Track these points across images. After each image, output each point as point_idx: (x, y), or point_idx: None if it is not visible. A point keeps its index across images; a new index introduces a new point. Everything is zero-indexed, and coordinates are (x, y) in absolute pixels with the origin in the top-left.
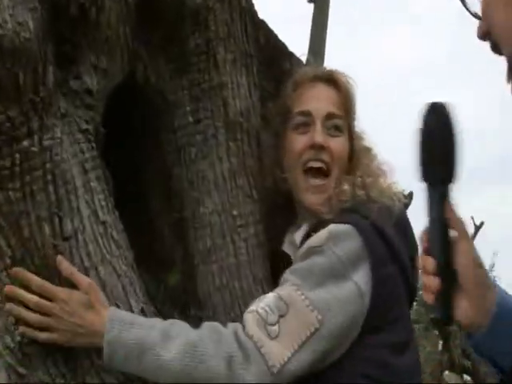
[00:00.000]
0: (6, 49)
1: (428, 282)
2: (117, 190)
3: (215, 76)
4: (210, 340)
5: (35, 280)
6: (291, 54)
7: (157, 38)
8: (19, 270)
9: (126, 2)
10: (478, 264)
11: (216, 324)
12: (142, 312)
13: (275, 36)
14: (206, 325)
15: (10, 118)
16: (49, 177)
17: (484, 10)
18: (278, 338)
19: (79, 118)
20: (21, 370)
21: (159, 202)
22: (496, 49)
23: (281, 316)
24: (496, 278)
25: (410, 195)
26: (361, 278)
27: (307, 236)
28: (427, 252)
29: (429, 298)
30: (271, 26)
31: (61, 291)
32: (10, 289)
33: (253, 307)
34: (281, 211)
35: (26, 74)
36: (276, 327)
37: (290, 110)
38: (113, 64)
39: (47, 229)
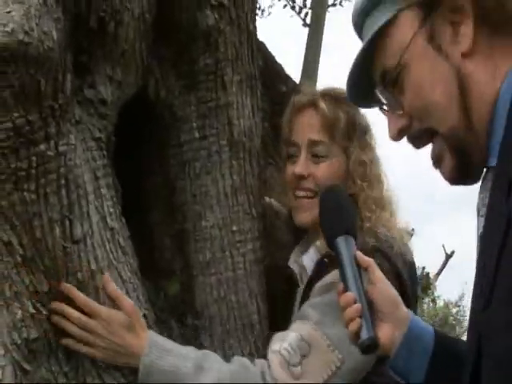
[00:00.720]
0: (30, 56)
1: (351, 312)
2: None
3: (222, 95)
4: (239, 377)
5: (80, 297)
6: (287, 77)
7: (169, 55)
8: (66, 286)
9: (143, 19)
10: (390, 287)
11: (245, 360)
12: (145, 318)
13: (273, 58)
14: (236, 360)
15: (29, 122)
16: (62, 181)
17: (410, 99)
18: (301, 378)
19: (92, 126)
20: (26, 366)
21: (161, 213)
22: (424, 137)
23: (303, 356)
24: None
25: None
26: None
27: (321, 264)
28: (344, 290)
29: (354, 326)
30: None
31: (104, 310)
32: (56, 305)
33: (276, 347)
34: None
35: (47, 81)
36: (299, 368)
37: (286, 139)
38: (127, 76)
39: (58, 231)
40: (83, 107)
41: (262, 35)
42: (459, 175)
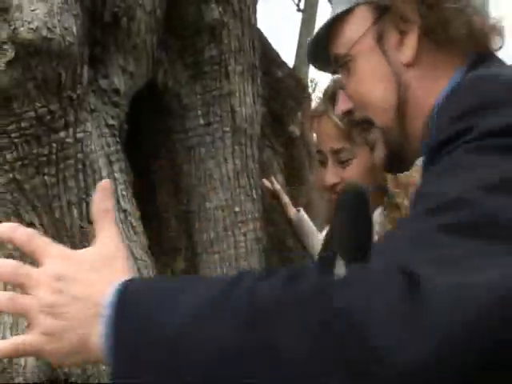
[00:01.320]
0: (53, 51)
1: None
2: None
3: (225, 85)
4: None
5: None
6: (283, 63)
7: (176, 47)
8: None
9: (154, 14)
10: None
11: None
12: None
13: (269, 44)
14: None
15: (50, 112)
16: (79, 166)
17: (353, 88)
18: None
19: (106, 114)
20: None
21: (167, 195)
22: (363, 122)
23: None
24: None
25: None
26: None
27: None
28: None
29: None
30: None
31: None
32: None
33: None
34: None
35: (67, 74)
36: None
37: (316, 146)
38: (139, 68)
39: (76, 212)
40: (98, 96)
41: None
42: (390, 166)
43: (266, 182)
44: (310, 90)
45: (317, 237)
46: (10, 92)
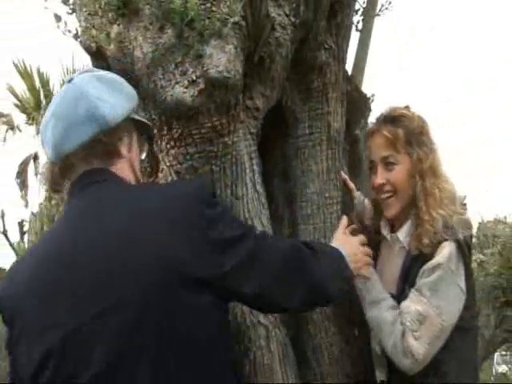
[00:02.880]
0: (228, 85)
1: None
2: None
3: (325, 107)
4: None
5: None
6: (350, 80)
7: (296, 79)
8: None
9: (287, 58)
10: None
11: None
12: None
13: None
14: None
15: (221, 124)
16: (233, 160)
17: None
18: (419, 339)
19: (250, 124)
20: None
21: (280, 181)
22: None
23: (421, 324)
24: None
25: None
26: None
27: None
28: None
29: None
30: None
31: None
32: None
33: (402, 319)
34: None
35: (233, 98)
36: (418, 333)
37: (367, 158)
38: (272, 93)
39: (228, 191)
40: (245, 112)
41: None
42: None
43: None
44: (371, 101)
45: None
46: (199, 109)
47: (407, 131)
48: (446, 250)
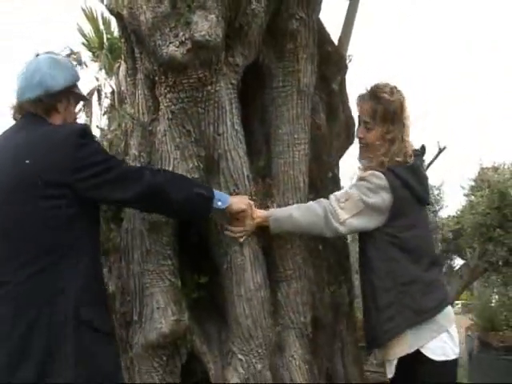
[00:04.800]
0: (210, 46)
1: None
2: None
3: (296, 65)
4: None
5: None
6: (332, 42)
7: (271, 42)
8: None
9: (262, 26)
10: None
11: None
12: None
13: (324, 29)
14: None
15: (205, 76)
16: (215, 104)
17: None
18: (344, 209)
19: (231, 77)
20: None
21: (257, 123)
22: None
23: (346, 200)
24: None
25: (423, 148)
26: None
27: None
28: None
29: None
30: None
31: None
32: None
33: (334, 194)
34: None
35: (214, 57)
36: (343, 204)
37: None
38: (250, 53)
39: (211, 128)
40: (227, 67)
41: None
42: None
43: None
44: (348, 61)
45: None
46: (187, 65)
47: (385, 109)
48: (370, 171)
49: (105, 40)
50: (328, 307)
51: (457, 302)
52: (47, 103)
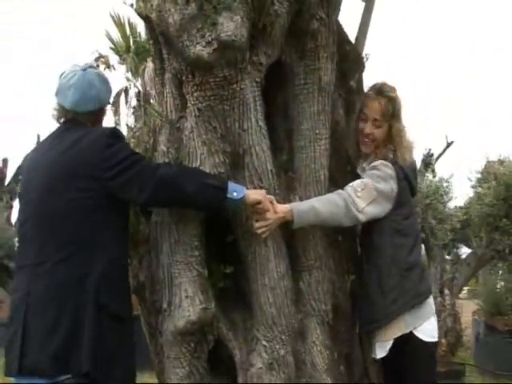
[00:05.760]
0: (235, 46)
1: None
2: None
3: (317, 63)
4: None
5: None
6: (349, 41)
7: (294, 42)
8: None
9: (284, 26)
10: None
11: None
12: None
13: (343, 29)
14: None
15: (230, 74)
16: (240, 102)
17: None
18: (361, 198)
19: (255, 75)
20: None
21: (280, 119)
22: None
23: (362, 189)
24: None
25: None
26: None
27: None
28: None
29: None
30: None
31: None
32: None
33: (350, 184)
34: None
35: (239, 55)
36: (360, 193)
37: (361, 108)
38: (273, 52)
39: (237, 125)
40: (252, 66)
41: None
42: None
43: None
44: (365, 60)
45: None
46: (213, 64)
47: (393, 107)
48: (380, 161)
49: (131, 44)
50: (347, 295)
51: (463, 287)
52: (98, 115)
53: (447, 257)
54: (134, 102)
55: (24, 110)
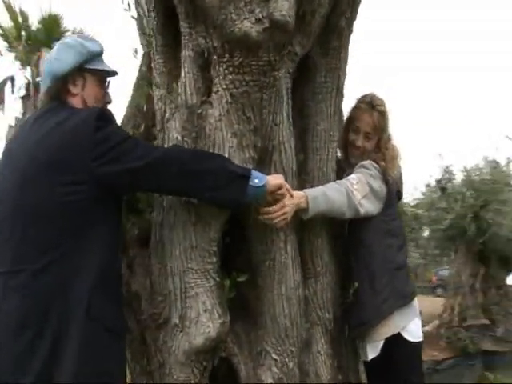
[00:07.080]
0: (286, 28)
1: None
2: None
3: (338, 63)
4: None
5: None
6: None
7: (321, 39)
8: None
9: (320, 20)
10: None
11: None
12: None
13: None
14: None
15: (276, 60)
16: (277, 92)
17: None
18: (357, 191)
19: (289, 65)
20: None
21: (295, 115)
22: None
23: (357, 182)
24: None
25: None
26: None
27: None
28: None
29: None
30: None
31: None
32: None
33: (346, 178)
34: None
35: (288, 40)
36: (356, 186)
37: (353, 120)
38: (308, 43)
39: (270, 118)
40: (287, 55)
41: None
42: None
43: None
44: None
45: None
46: (261, 45)
47: (383, 120)
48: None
49: (23, 32)
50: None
51: None
52: (56, 87)
53: None
54: (22, 92)
55: None
